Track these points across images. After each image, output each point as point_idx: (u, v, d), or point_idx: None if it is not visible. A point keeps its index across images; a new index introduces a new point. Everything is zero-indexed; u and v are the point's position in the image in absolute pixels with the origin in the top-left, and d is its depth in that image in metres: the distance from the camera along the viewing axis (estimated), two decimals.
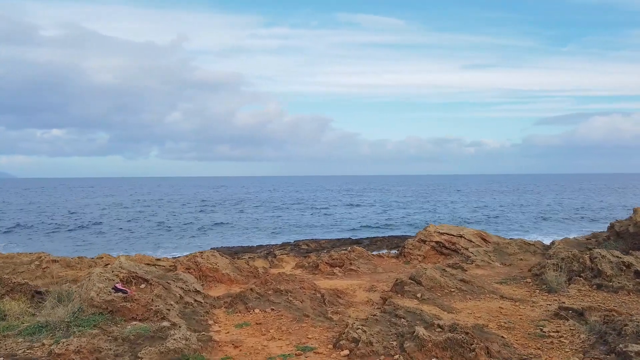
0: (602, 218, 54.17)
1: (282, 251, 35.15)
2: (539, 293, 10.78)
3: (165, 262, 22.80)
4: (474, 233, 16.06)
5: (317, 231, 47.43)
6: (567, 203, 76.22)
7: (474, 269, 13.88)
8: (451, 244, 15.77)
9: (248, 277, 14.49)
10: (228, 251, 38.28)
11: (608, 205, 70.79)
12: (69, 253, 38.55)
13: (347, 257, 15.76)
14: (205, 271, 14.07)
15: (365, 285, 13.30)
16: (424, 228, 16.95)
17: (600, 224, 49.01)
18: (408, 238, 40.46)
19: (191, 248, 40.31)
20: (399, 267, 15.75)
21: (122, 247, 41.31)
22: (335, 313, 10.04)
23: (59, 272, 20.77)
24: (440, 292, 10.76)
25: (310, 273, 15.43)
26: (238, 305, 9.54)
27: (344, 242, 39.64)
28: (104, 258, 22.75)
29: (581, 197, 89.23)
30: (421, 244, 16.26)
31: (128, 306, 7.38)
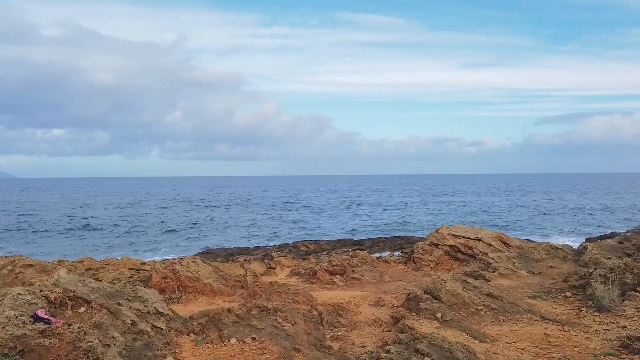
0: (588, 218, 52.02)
1: (279, 253, 32.93)
2: (586, 312, 8.59)
3: (152, 266, 20.60)
4: (493, 236, 13.87)
5: (316, 231, 45.24)
6: (558, 203, 74.04)
7: (497, 278, 11.69)
8: (468, 248, 13.58)
9: (234, 288, 12.33)
10: (224, 252, 36.10)
11: (598, 205, 68.59)
12: (71, 254, 36.45)
13: (349, 264, 13.58)
14: (185, 281, 11.92)
15: (371, 298, 11.13)
16: (436, 230, 14.76)
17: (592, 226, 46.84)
18: (411, 239, 38.30)
19: (192, 249, 38.20)
20: (408, 274, 13.57)
21: (121, 248, 39.23)
22: (335, 339, 7.87)
23: (33, 277, 18.60)
24: (464, 310, 8.58)
25: (307, 282, 13.26)
26: (211, 331, 7.37)
27: (344, 243, 37.43)
28: (85, 262, 20.64)
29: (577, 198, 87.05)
30: (433, 248, 14.08)
31: (47, 343, 5.23)
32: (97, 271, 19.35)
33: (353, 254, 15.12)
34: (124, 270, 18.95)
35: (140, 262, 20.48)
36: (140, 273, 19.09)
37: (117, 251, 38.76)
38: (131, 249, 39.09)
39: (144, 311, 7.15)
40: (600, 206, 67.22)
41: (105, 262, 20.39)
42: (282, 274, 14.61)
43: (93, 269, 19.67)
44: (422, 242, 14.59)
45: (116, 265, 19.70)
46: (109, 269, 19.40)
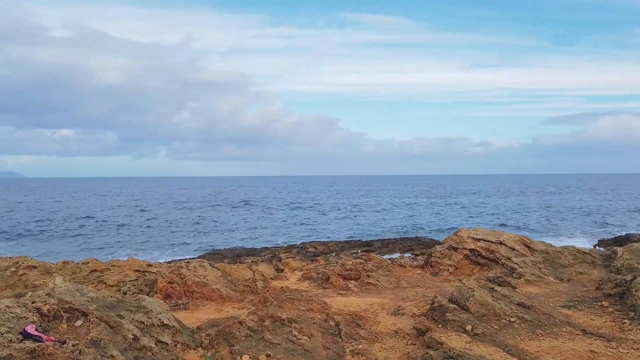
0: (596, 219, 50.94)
1: (287, 254, 32.24)
2: (629, 324, 7.81)
3: (158, 267, 20.02)
4: (515, 239, 13.08)
5: (324, 232, 44.52)
6: (567, 203, 72.83)
7: (524, 285, 10.91)
8: (489, 252, 12.80)
9: (244, 293, 11.65)
10: (231, 253, 35.47)
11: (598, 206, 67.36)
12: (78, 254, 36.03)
13: (364, 268, 12.85)
14: (192, 286, 11.25)
15: (389, 305, 10.40)
16: (454, 233, 13.99)
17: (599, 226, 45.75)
18: (421, 240, 37.48)
19: (199, 249, 37.63)
20: (425, 280, 12.82)
21: (128, 247, 38.76)
22: (356, 354, 7.15)
23: (36, 279, 18.05)
24: (496, 322, 7.82)
25: (319, 287, 12.55)
26: (221, 346, 6.66)
27: (353, 245, 36.66)
28: (89, 263, 20.09)
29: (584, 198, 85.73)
30: (452, 252, 13.31)
31: None
32: (102, 273, 18.74)
33: (367, 257, 14.38)
34: (129, 273, 18.33)
35: (146, 263, 19.87)
36: (146, 275, 18.47)
37: (124, 250, 38.28)
38: (139, 249, 38.58)
39: (147, 323, 6.46)
40: (608, 206, 66.02)
41: (110, 264, 19.80)
42: (293, 278, 13.91)
43: (98, 270, 19.07)
44: (440, 246, 13.83)
45: (121, 267, 19.09)
46: (114, 271, 18.78)
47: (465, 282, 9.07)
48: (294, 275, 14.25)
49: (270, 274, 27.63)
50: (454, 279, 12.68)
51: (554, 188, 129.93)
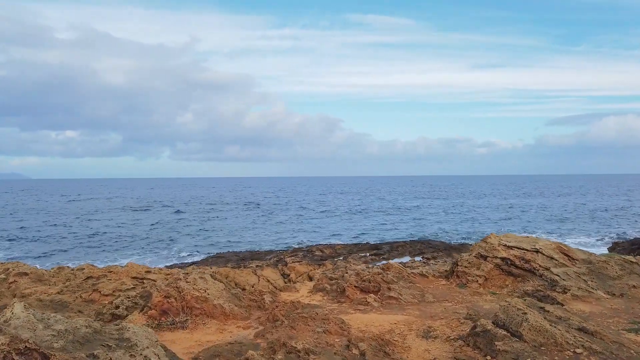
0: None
1: (293, 258, 30.79)
2: None
3: (157, 274, 18.69)
4: (552, 247, 11.59)
5: (330, 234, 43.05)
6: (574, 204, 71.17)
7: (571, 301, 9.43)
8: (524, 261, 11.32)
9: (250, 309, 10.21)
10: (235, 257, 34.05)
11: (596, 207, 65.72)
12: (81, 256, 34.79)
13: (383, 279, 11.39)
14: (191, 301, 9.83)
15: (417, 325, 8.94)
16: (483, 239, 12.50)
17: None
18: (431, 243, 35.94)
19: (202, 252, 36.34)
20: (452, 292, 11.35)
21: (132, 249, 37.49)
22: None
23: (27, 287, 16.66)
24: (558, 355, 6.34)
25: (334, 300, 11.10)
26: None
27: (361, 248, 35.22)
28: (85, 269, 18.72)
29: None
30: (480, 261, 11.83)
31: None
32: (98, 280, 17.38)
33: (385, 266, 12.91)
34: (126, 280, 16.94)
35: (145, 269, 18.51)
36: (144, 283, 17.12)
37: (128, 251, 36.99)
38: (142, 251, 37.29)
39: None
40: (616, 207, 64.32)
41: (108, 270, 18.47)
42: (304, 289, 12.45)
43: (94, 277, 17.70)
44: (467, 254, 12.35)
45: (118, 274, 17.73)
46: (111, 278, 17.42)
47: (512, 302, 7.59)
48: (305, 285, 12.79)
49: (276, 279, 26.09)
50: (484, 291, 11.21)
51: (559, 189, 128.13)
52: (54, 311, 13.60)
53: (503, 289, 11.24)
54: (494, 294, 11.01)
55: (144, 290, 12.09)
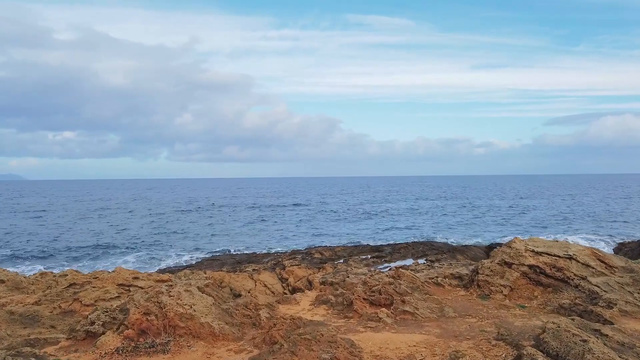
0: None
1: (292, 261, 29.27)
2: None
3: (146, 280, 17.27)
4: (587, 253, 10.14)
5: (330, 236, 41.57)
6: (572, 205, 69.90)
7: (620, 318, 7.97)
8: (556, 269, 9.86)
9: (243, 327, 8.72)
10: (231, 259, 32.50)
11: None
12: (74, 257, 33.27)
13: (395, 290, 9.91)
14: (174, 319, 8.34)
15: (441, 347, 7.48)
16: (507, 244, 11.03)
17: None
18: (434, 244, 34.46)
19: (198, 254, 34.90)
20: (474, 305, 9.88)
21: (126, 252, 35.95)
22: None
23: (2, 296, 15.17)
24: None
25: (340, 315, 9.62)
26: None
27: (362, 250, 33.74)
28: (68, 276, 17.25)
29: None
30: (505, 269, 10.37)
31: None
32: (82, 287, 15.89)
33: (395, 273, 11.43)
34: (110, 288, 15.44)
35: (133, 275, 17.00)
36: (131, 291, 15.62)
37: (120, 254, 35.46)
38: (138, 253, 35.78)
39: None
40: (617, 208, 63.06)
41: (93, 276, 16.96)
42: (305, 300, 10.96)
43: (78, 284, 16.20)
44: (489, 260, 10.88)
45: (104, 281, 16.22)
46: (96, 285, 15.92)
47: (561, 323, 6.13)
48: (306, 297, 11.30)
49: (274, 284, 24.55)
50: (511, 304, 9.75)
51: (557, 189, 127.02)
52: (22, 326, 12.10)
53: (532, 301, 9.79)
54: (523, 307, 9.55)
55: (123, 304, 10.58)
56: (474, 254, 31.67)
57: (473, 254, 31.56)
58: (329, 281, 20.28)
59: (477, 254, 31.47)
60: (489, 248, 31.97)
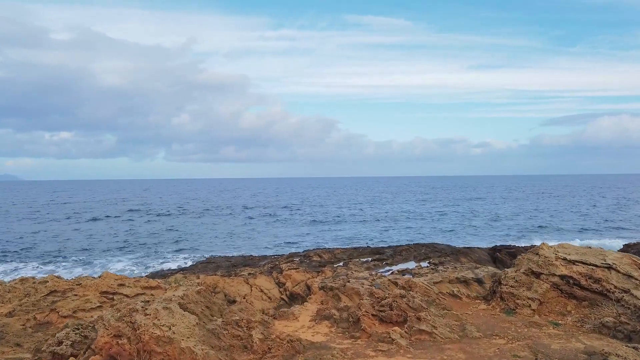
0: None
1: (289, 265, 27.91)
2: None
3: (132, 287, 15.91)
4: (628, 262, 8.81)
5: (329, 238, 40.24)
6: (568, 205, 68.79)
7: None
8: (592, 280, 8.54)
9: (231, 352, 7.35)
10: (227, 262, 31.11)
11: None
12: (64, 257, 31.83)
13: (409, 305, 8.56)
14: (149, 342, 6.98)
15: None
16: (533, 250, 9.68)
17: None
18: (436, 246, 33.16)
19: (194, 257, 33.51)
20: (501, 322, 8.54)
21: (120, 255, 34.48)
22: None
23: None
24: None
25: (346, 334, 8.27)
26: None
27: (361, 252, 32.36)
28: (49, 282, 15.90)
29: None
30: (532, 279, 9.05)
31: None
32: (64, 294, 14.48)
33: (406, 284, 10.09)
34: (91, 297, 14.07)
35: (119, 281, 15.62)
36: (114, 300, 14.27)
37: (113, 256, 34.03)
38: (129, 256, 34.34)
39: None
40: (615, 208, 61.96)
41: (76, 282, 15.56)
42: (305, 315, 9.59)
43: (59, 291, 14.76)
44: (513, 269, 9.54)
45: (86, 288, 14.81)
46: (77, 293, 14.54)
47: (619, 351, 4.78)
48: (306, 311, 9.93)
49: (270, 288, 23.08)
50: (542, 320, 8.41)
51: (556, 189, 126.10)
52: None
53: (565, 317, 8.46)
54: (556, 324, 8.23)
55: (94, 321, 9.20)
56: (477, 256, 30.37)
57: (477, 257, 30.26)
58: (329, 286, 18.88)
59: (481, 257, 30.19)
60: (492, 250, 30.75)
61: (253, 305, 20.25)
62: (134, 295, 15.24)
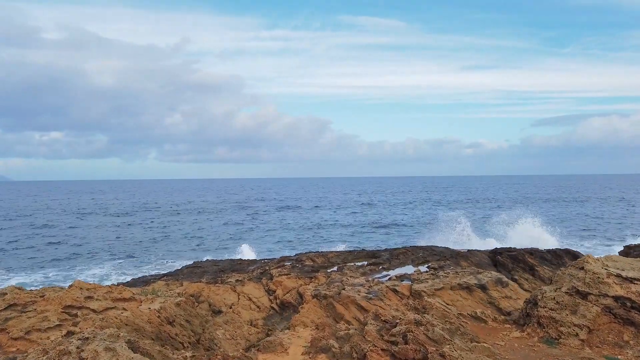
0: None
1: (280, 270, 25.99)
2: None
3: (101, 301, 13.97)
4: None
5: (321, 240, 38.37)
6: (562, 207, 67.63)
7: None
8: None
9: None
10: (214, 267, 29.03)
11: None
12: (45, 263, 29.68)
13: (427, 336, 6.69)
14: None
15: None
16: (576, 264, 7.84)
17: None
18: (435, 249, 31.33)
19: (180, 260, 31.52)
20: (541, 356, 6.69)
21: (109, 259, 32.35)
22: None
23: None
24: None
25: None
26: None
27: (356, 256, 30.50)
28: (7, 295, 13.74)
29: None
30: (577, 301, 7.22)
31: None
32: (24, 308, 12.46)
33: (420, 303, 8.22)
34: (51, 314, 12.07)
35: (88, 293, 13.57)
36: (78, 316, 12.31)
37: (97, 261, 31.92)
38: (114, 260, 32.22)
39: None
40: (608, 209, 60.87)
41: (40, 293, 13.47)
42: (296, 347, 7.67)
43: (19, 304, 12.68)
44: (552, 288, 7.71)
45: (49, 301, 12.75)
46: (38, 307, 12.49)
47: None
48: (298, 339, 8.00)
49: (259, 297, 21.00)
50: (594, 354, 6.59)
51: (547, 190, 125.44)
52: None
53: (624, 350, 6.65)
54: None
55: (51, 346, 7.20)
56: (478, 259, 28.71)
57: (478, 260, 28.60)
58: (323, 294, 16.99)
59: (481, 260, 28.52)
60: (493, 253, 29.11)
61: (240, 315, 18.19)
62: (102, 309, 13.22)
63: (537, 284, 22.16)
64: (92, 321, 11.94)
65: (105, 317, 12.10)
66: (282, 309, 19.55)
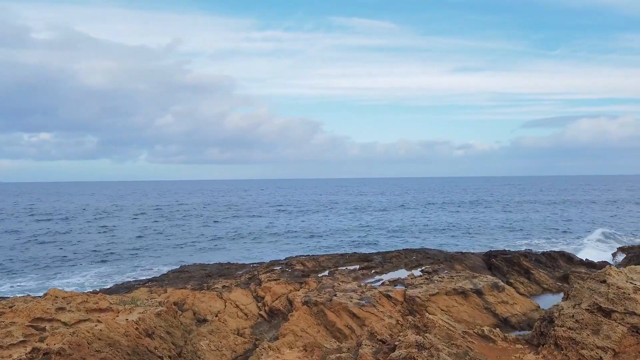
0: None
1: (269, 275, 24.89)
2: None
3: (74, 312, 13.03)
4: None
5: (311, 243, 37.36)
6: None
7: None
8: None
9: None
10: (201, 271, 27.87)
11: None
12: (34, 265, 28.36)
13: (434, 357, 5.75)
14: None
15: None
16: (595, 276, 6.95)
17: None
18: (428, 252, 30.49)
19: (168, 264, 30.43)
20: None
21: (92, 262, 31.10)
22: None
23: None
24: None
25: None
26: None
27: (348, 259, 29.56)
28: None
29: None
30: (599, 318, 6.33)
31: None
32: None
33: (420, 321, 7.27)
34: (16, 328, 11.11)
35: (60, 305, 12.66)
36: (46, 332, 11.32)
37: (80, 265, 30.63)
38: (97, 264, 30.97)
39: None
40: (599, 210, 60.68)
41: (9, 304, 12.54)
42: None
43: None
44: (569, 303, 6.81)
45: (17, 313, 11.75)
46: (4, 319, 11.49)
47: None
48: (290, 354, 7.02)
49: (247, 303, 19.91)
50: None
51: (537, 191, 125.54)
52: None
53: None
54: None
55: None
56: (472, 262, 27.90)
57: (472, 263, 27.80)
58: (313, 300, 16.00)
59: (475, 263, 27.72)
60: (487, 256, 28.31)
61: (227, 324, 17.00)
62: (74, 322, 12.14)
63: (533, 288, 21.28)
64: (62, 336, 10.83)
65: (77, 330, 11.01)
66: (270, 316, 18.38)
